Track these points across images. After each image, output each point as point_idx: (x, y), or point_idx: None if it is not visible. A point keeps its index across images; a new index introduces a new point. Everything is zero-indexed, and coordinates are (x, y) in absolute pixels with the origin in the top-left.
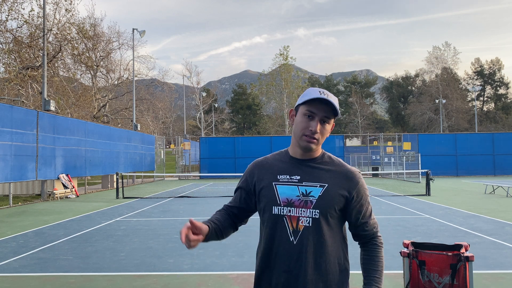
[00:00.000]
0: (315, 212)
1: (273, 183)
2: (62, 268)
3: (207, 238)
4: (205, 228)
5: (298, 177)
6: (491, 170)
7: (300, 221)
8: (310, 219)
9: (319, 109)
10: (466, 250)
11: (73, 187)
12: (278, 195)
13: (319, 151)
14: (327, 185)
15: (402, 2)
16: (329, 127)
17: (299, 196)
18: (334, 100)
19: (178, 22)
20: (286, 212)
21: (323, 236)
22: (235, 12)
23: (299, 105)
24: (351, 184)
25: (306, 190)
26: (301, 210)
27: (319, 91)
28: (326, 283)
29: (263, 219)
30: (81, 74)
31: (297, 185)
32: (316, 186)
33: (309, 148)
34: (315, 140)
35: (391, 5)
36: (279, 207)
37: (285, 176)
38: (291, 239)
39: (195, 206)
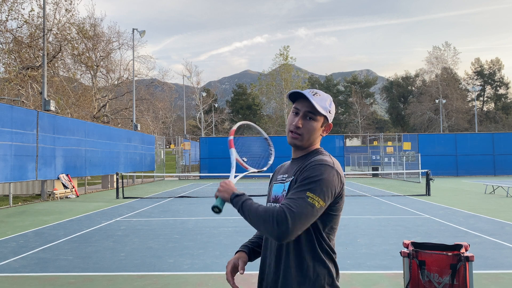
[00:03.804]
0: None
1: (273, 183)
2: (62, 268)
3: (251, 259)
4: (242, 259)
5: (286, 175)
6: (491, 170)
7: None
8: None
9: (303, 105)
10: (466, 250)
11: (73, 187)
12: (271, 193)
13: (313, 148)
14: (293, 177)
15: (403, 2)
16: (315, 124)
17: (282, 192)
18: (318, 98)
19: (179, 22)
20: None
21: None
22: (237, 12)
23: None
24: (300, 169)
25: (285, 186)
26: None
27: (307, 90)
28: (288, 272)
29: None
30: (81, 74)
31: (283, 182)
32: (288, 181)
33: (294, 144)
34: (297, 136)
35: (392, 5)
36: (270, 204)
37: (282, 175)
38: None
39: (195, 206)
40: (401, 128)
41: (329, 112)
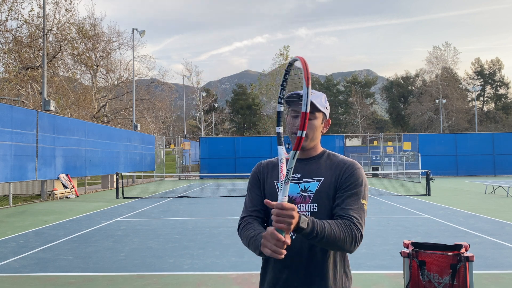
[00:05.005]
0: (313, 206)
1: (275, 181)
2: (62, 268)
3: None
4: None
5: (299, 175)
6: (491, 170)
7: None
8: (309, 213)
9: (300, 106)
10: (466, 250)
11: (73, 187)
12: (276, 193)
13: (318, 149)
14: (323, 178)
15: (403, 2)
16: (316, 122)
17: (299, 192)
18: (313, 96)
19: (180, 22)
20: None
21: None
22: (237, 12)
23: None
24: (340, 173)
25: (305, 186)
26: (301, 206)
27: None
28: (323, 279)
29: (267, 217)
30: (81, 74)
31: (298, 183)
32: (314, 181)
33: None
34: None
35: (392, 5)
36: None
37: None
38: (291, 234)
39: (195, 206)
40: (401, 128)
41: (326, 108)
